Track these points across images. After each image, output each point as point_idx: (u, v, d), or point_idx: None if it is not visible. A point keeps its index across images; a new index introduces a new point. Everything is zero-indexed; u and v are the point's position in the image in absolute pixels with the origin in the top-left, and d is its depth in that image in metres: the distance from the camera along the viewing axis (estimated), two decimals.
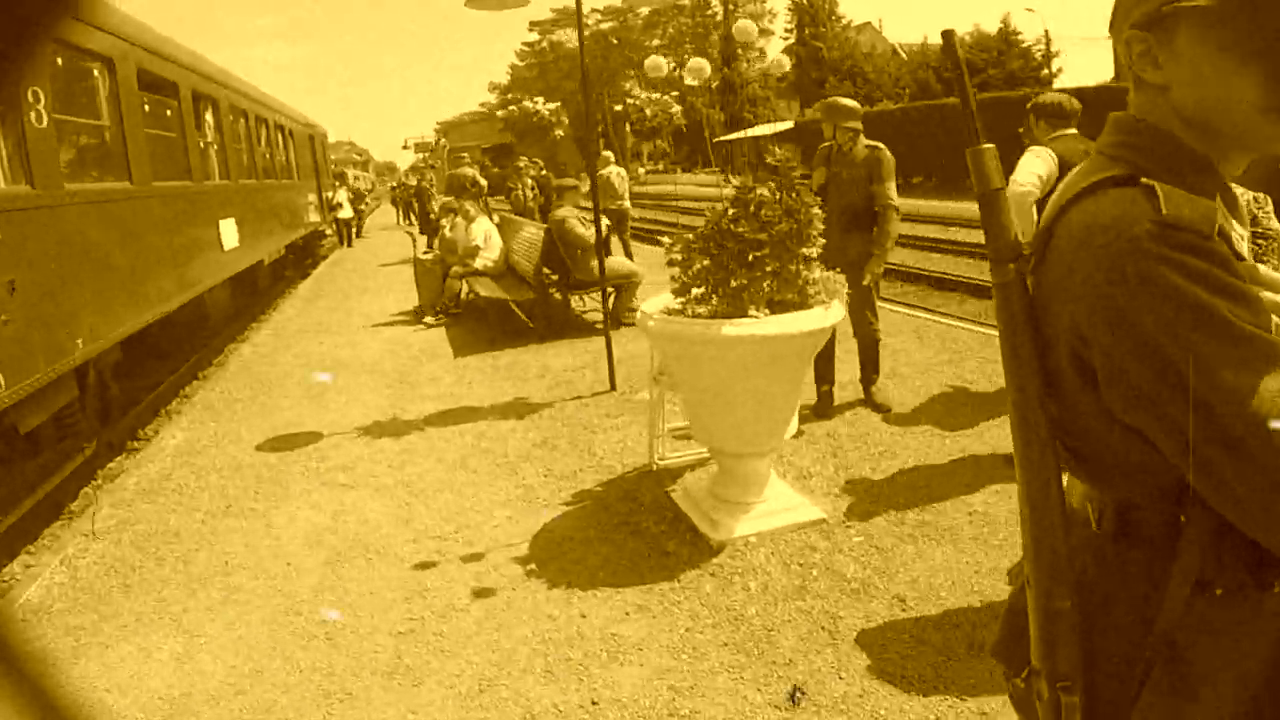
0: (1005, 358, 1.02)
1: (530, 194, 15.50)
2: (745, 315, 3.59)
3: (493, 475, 4.92)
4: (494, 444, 5.46)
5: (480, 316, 9.56)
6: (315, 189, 19.59)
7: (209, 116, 10.11)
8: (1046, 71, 43.37)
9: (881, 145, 5.57)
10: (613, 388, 6.45)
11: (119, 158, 7.02)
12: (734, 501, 3.98)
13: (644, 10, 66.55)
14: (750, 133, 44.27)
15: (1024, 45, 44.06)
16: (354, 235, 22.12)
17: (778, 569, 3.54)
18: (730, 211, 3.62)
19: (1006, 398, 1.03)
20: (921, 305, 9.73)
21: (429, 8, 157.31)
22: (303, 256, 18.30)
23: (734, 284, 3.60)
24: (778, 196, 3.59)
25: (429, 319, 9.54)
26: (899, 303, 9.51)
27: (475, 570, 3.75)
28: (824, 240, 3.71)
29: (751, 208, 3.57)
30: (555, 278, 8.52)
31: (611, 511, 4.27)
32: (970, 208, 19.35)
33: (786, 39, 59.55)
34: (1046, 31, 44.95)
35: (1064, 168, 4.11)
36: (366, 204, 28.13)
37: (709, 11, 64.44)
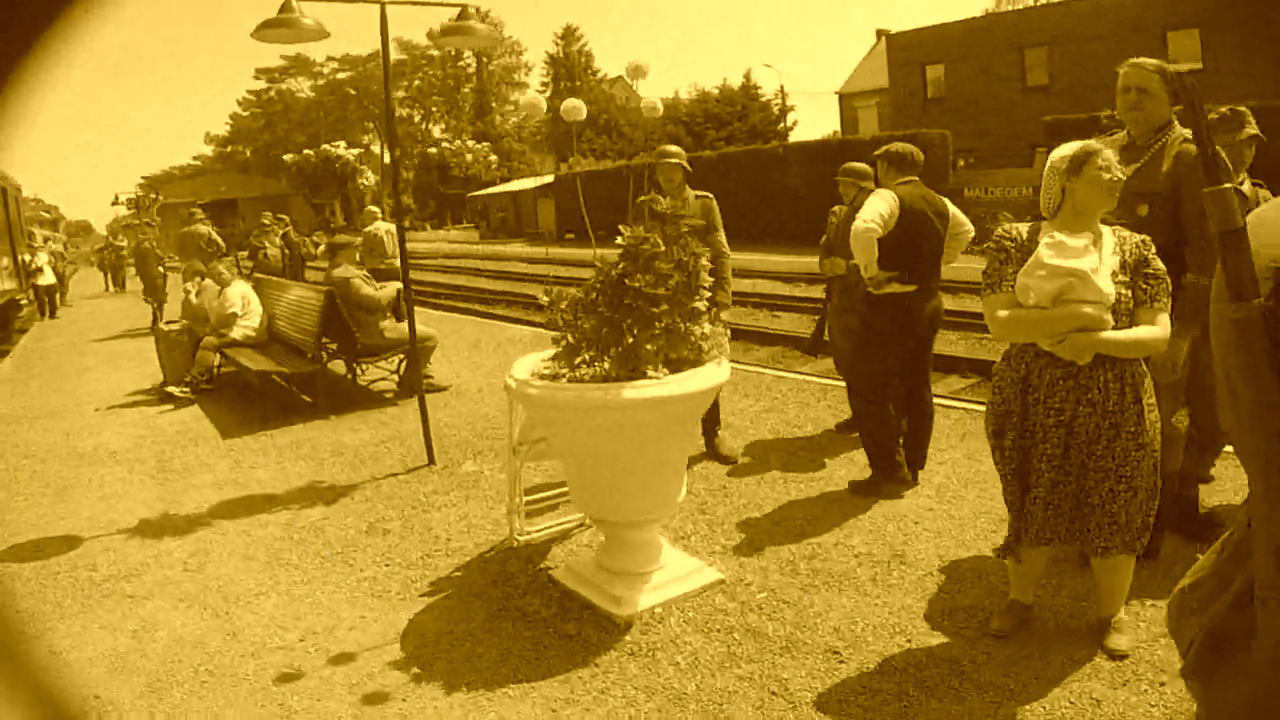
0: (1241, 390, 1.03)
1: (280, 254, 14.40)
2: (643, 376, 3.40)
3: (323, 570, 4.32)
4: (309, 534, 4.81)
5: (242, 392, 8.60)
6: (9, 251, 17.02)
7: None
8: (783, 125, 47.18)
9: (710, 194, 5.65)
10: (431, 461, 5.97)
11: None
12: (631, 572, 3.75)
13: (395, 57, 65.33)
14: (509, 186, 44.43)
15: (764, 100, 47.79)
16: (57, 305, 19.41)
17: (698, 638, 3.34)
18: (620, 265, 3.43)
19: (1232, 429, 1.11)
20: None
21: (125, 52, 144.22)
22: None
23: (628, 342, 3.40)
24: (667, 248, 3.45)
25: (175, 389, 8.41)
26: None
27: (348, 680, 3.20)
28: (708, 292, 3.62)
29: (642, 260, 3.40)
30: (334, 346, 7.85)
31: (486, 598, 3.86)
32: (748, 257, 20.55)
33: (542, 92, 60.63)
34: (782, 87, 49.05)
35: (905, 210, 4.38)
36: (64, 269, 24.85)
37: (460, 63, 64.30)
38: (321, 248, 17.08)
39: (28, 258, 18.55)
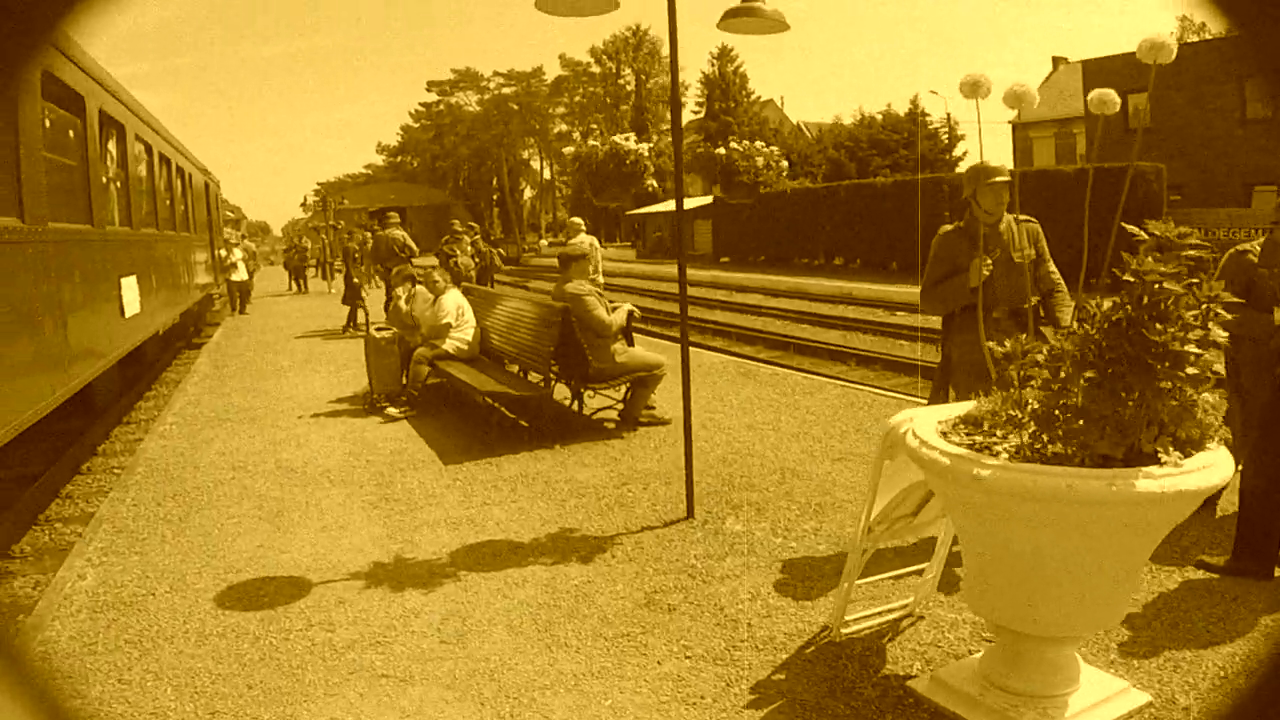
0: None
1: (472, 262, 14.04)
2: (1142, 456, 2.38)
3: (610, 656, 3.46)
4: (578, 602, 3.98)
5: (452, 408, 8.01)
6: (208, 245, 17.47)
7: (113, 146, 8.26)
8: (951, 155, 45.02)
9: (1035, 218, 4.61)
10: (690, 514, 5.09)
11: (8, 185, 5.28)
12: (1042, 695, 2.82)
13: (548, 76, 66.59)
14: (663, 207, 44.02)
15: (932, 127, 45.75)
16: (248, 302, 19.90)
17: None
18: (1127, 308, 2.41)
19: None
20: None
21: (310, 65, 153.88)
22: (190, 324, 16.08)
23: (1127, 410, 2.39)
24: (1186, 290, 2.41)
25: (392, 410, 7.89)
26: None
27: None
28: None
29: (1161, 304, 2.37)
30: (556, 368, 7.12)
31: (832, 716, 2.92)
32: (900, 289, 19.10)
33: (697, 113, 60.25)
34: (949, 115, 46.88)
35: None
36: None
37: (620, 80, 64.83)
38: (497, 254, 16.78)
39: (223, 253, 19.06)
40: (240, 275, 19.41)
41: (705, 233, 40.60)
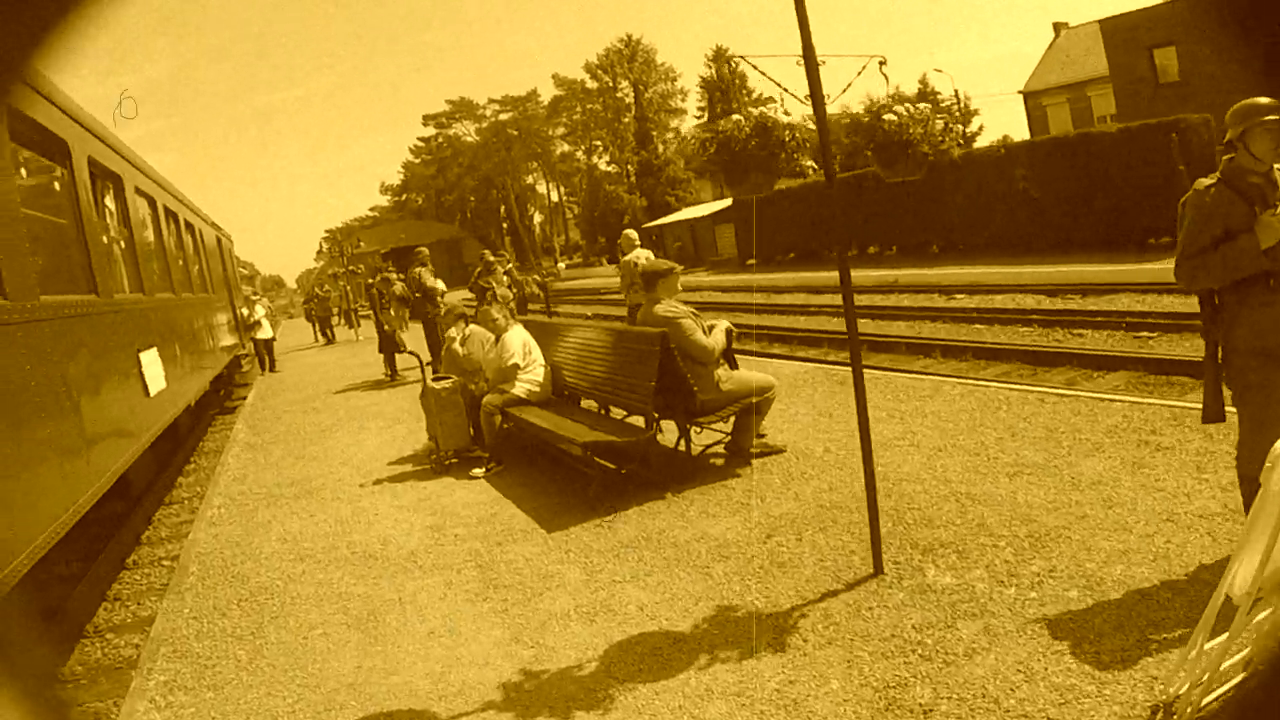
0: None
1: (510, 293, 13.15)
2: None
3: None
4: (789, 716, 3.05)
5: (533, 459, 7.09)
6: (228, 304, 16.69)
7: (111, 201, 7.36)
8: (966, 130, 43.93)
9: None
10: (879, 570, 4.12)
11: None
12: None
13: (544, 98, 66.02)
14: (683, 215, 43.21)
15: (945, 104, 44.67)
16: (275, 359, 19.13)
17: None
18: None
19: None
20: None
21: (301, 113, 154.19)
22: (221, 390, 15.27)
23: None
24: None
25: (477, 471, 6.95)
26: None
27: None
28: None
29: None
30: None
31: None
32: (946, 271, 18.31)
33: (699, 117, 59.56)
34: (957, 91, 45.80)
35: None
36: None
37: (618, 93, 64.21)
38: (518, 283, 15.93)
39: (245, 311, 18.31)
40: (266, 333, 18.66)
41: (727, 237, 39.74)
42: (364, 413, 11.12)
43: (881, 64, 3.88)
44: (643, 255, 9.87)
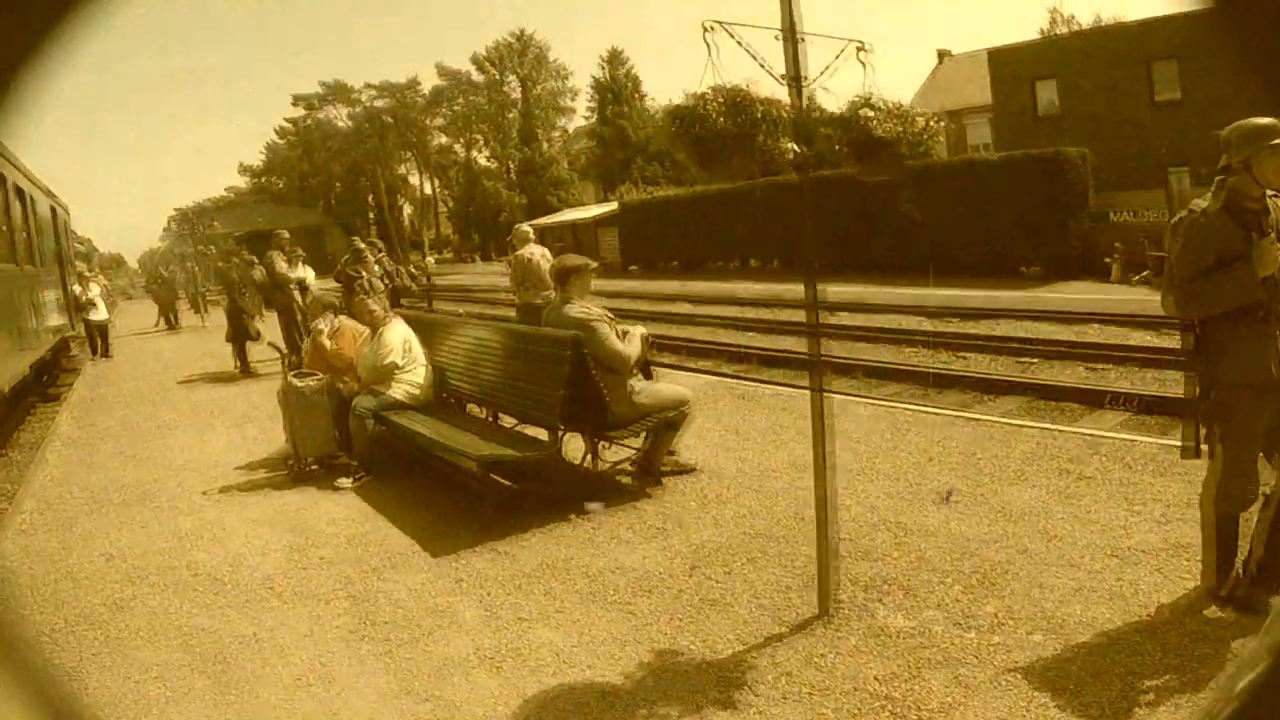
0: None
1: (382, 284, 12.15)
2: None
3: None
4: None
5: (409, 469, 6.30)
6: (59, 281, 14.91)
7: None
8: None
9: None
10: (824, 611, 3.63)
11: None
12: None
13: (425, 87, 63.85)
14: (566, 216, 42.35)
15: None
16: (109, 344, 17.25)
17: None
18: None
19: None
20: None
21: (159, 87, 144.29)
22: (43, 375, 13.52)
23: None
24: None
25: (344, 480, 6.10)
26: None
27: None
28: None
29: None
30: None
31: None
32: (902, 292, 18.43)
33: (588, 118, 58.82)
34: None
35: None
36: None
37: (505, 88, 62.70)
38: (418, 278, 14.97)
39: (78, 289, 16.45)
40: (100, 314, 16.82)
41: (609, 241, 39.33)
42: (209, 408, 9.94)
43: (860, 50, 3.42)
44: (537, 251, 9.20)
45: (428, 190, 69.48)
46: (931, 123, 3.28)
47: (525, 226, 9.60)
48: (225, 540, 5.20)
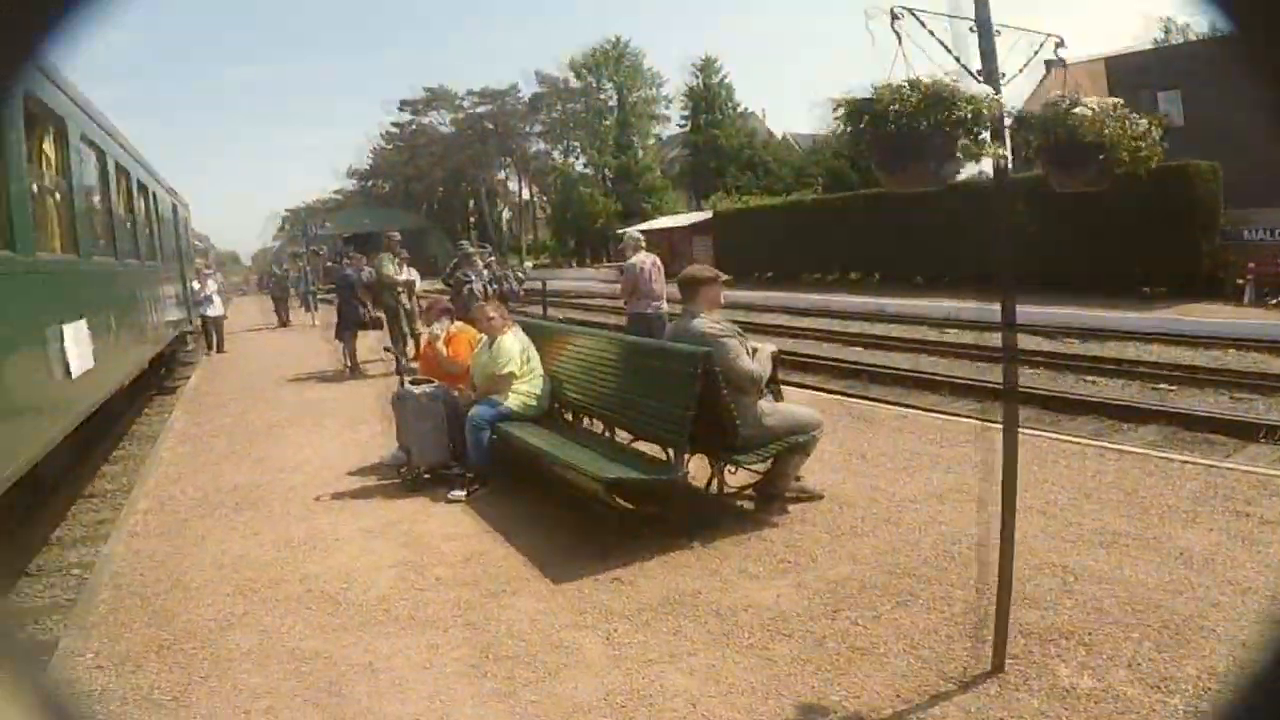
0: None
1: (490, 290, 12.08)
2: None
3: None
4: None
5: (524, 480, 6.08)
6: (179, 276, 15.39)
7: (48, 145, 6.19)
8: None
9: None
10: (999, 667, 3.23)
11: None
12: None
13: (524, 93, 64.69)
14: (659, 224, 42.16)
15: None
16: (224, 339, 17.76)
17: None
18: None
19: None
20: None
21: (273, 91, 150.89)
22: (162, 368, 13.95)
23: None
24: None
25: (458, 492, 5.93)
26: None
27: None
28: None
29: None
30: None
31: None
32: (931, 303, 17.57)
33: (682, 127, 58.61)
34: None
35: None
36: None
37: (601, 95, 63.03)
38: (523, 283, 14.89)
39: (196, 285, 16.99)
40: (216, 310, 17.34)
41: (703, 249, 38.95)
42: (320, 408, 10.00)
43: (1059, 46, 3.03)
44: (648, 259, 8.94)
45: (525, 196, 70.35)
46: (1154, 128, 2.85)
47: (635, 232, 9.35)
48: (337, 551, 5.06)
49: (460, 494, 5.89)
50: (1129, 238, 19.56)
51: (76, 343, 5.76)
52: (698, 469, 5.40)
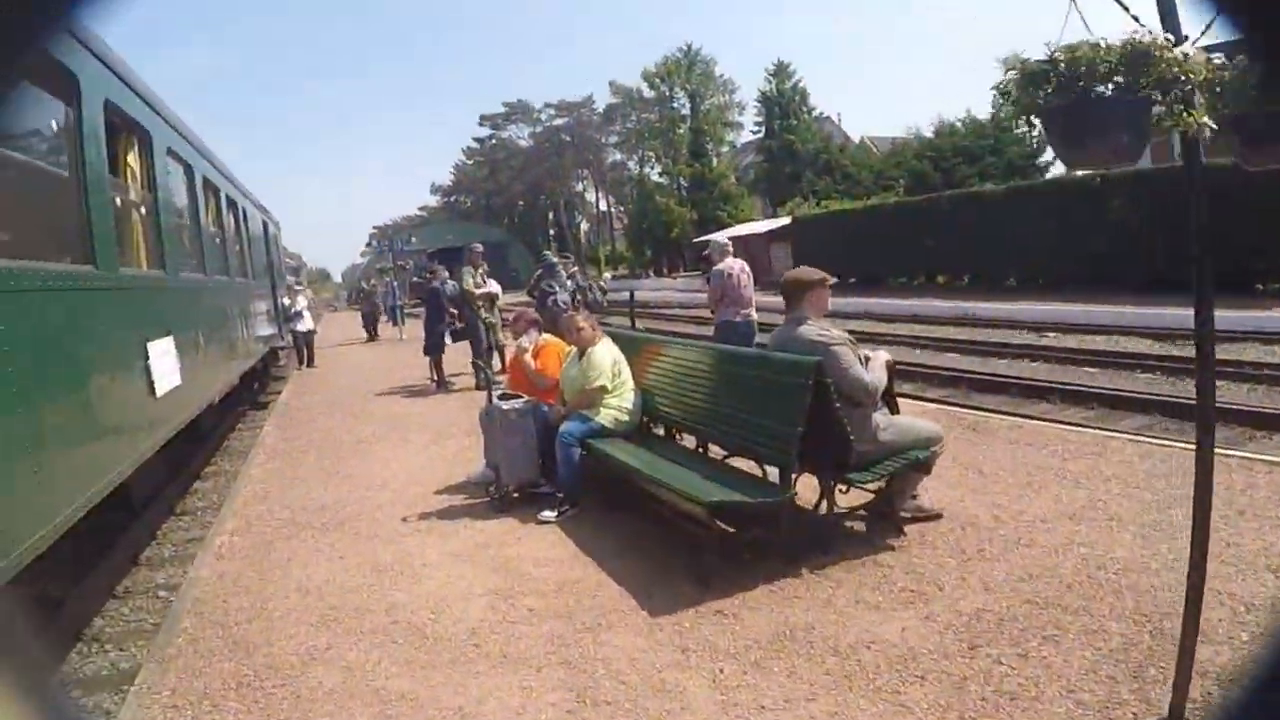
0: None
1: (573, 299, 11.90)
2: None
3: None
4: None
5: (613, 500, 5.77)
6: (270, 293, 15.63)
7: (131, 156, 6.14)
8: (1043, 159, 41.81)
9: None
10: (1179, 715, 2.77)
11: None
12: None
13: (599, 104, 65.09)
14: (737, 230, 41.65)
15: (1019, 132, 42.47)
16: (314, 354, 18.01)
17: None
18: None
19: None
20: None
21: (360, 109, 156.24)
22: (254, 383, 14.14)
23: None
24: None
25: (548, 513, 5.66)
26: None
27: None
28: None
29: None
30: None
31: None
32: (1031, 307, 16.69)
33: (756, 133, 58.04)
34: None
35: None
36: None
37: (674, 104, 62.92)
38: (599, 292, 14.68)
39: (287, 301, 17.27)
40: (307, 325, 17.60)
41: (781, 256, 38.33)
42: (407, 422, 9.90)
43: None
44: (736, 265, 8.57)
45: (602, 206, 70.64)
46: None
47: (723, 237, 9.02)
48: (426, 578, 4.83)
49: (551, 515, 5.61)
50: (1243, 233, 18.28)
51: (162, 360, 5.68)
52: (804, 488, 5.00)
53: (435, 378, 12.64)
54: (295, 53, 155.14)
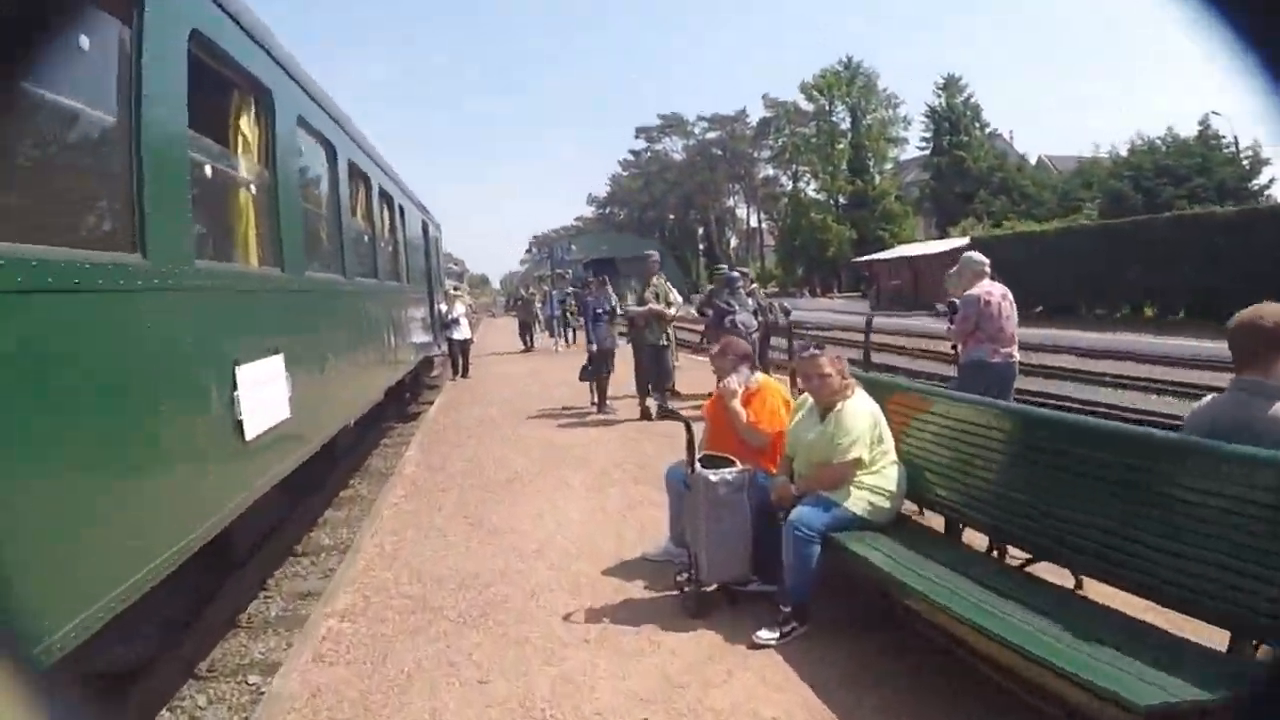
0: None
1: (754, 321, 10.09)
2: None
3: None
4: None
5: (854, 618, 4.00)
6: (427, 298, 14.64)
7: (245, 123, 4.72)
8: (1253, 184, 37.10)
9: None
10: None
11: None
12: None
13: (752, 119, 63.36)
14: (903, 251, 39.08)
15: (1229, 151, 38.01)
16: (469, 364, 16.98)
17: None
18: None
19: None
20: None
21: (518, 120, 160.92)
22: (402, 394, 13.08)
23: None
24: None
25: (766, 633, 3.90)
26: None
27: None
28: None
29: None
30: None
31: None
32: None
33: (923, 149, 54.93)
34: (1237, 139, 38.69)
35: None
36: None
37: (833, 118, 60.48)
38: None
39: (444, 308, 16.33)
40: (463, 333, 16.58)
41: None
42: (565, 457, 8.40)
43: None
44: (997, 291, 6.60)
45: (752, 222, 68.82)
46: None
47: (978, 256, 7.02)
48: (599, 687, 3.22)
49: (772, 636, 3.89)
50: None
51: (257, 390, 4.29)
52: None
53: (595, 400, 11.17)
54: (469, 69, 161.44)
